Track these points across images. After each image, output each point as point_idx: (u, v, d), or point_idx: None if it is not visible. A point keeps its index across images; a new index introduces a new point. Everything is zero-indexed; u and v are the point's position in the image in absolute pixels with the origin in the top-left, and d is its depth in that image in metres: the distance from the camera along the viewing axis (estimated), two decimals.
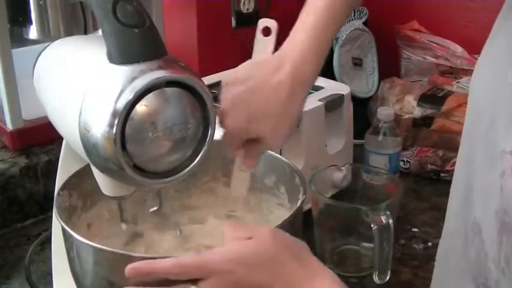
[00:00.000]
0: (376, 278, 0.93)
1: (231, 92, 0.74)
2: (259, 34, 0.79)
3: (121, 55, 0.61)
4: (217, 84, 1.17)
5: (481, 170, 0.64)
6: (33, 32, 1.11)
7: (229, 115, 0.74)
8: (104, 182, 0.71)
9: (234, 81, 0.75)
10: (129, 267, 0.61)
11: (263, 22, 0.79)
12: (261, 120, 0.73)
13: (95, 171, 0.70)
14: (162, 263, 0.61)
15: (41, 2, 1.09)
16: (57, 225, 0.83)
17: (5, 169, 1.12)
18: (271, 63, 0.74)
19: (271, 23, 0.78)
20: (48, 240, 0.90)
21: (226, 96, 0.75)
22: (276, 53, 0.76)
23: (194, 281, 0.60)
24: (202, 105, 0.65)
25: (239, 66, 0.77)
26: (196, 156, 0.66)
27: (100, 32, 0.80)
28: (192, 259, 0.61)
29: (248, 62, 0.78)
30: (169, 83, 0.62)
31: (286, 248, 0.61)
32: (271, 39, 0.78)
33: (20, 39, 1.13)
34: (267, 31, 0.79)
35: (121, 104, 0.59)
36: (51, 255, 0.89)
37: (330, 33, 0.76)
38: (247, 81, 0.74)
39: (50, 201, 0.91)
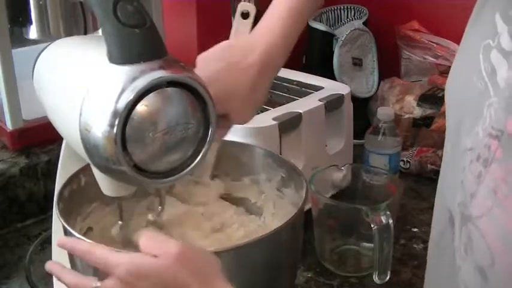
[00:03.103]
0: (376, 278, 0.93)
1: (204, 71, 0.76)
2: (238, 17, 0.84)
3: (122, 55, 0.61)
4: None
5: (450, 167, 0.67)
6: (33, 32, 1.11)
7: None
8: (104, 182, 0.71)
9: (208, 60, 0.79)
10: (59, 240, 0.69)
11: (242, 6, 0.84)
12: (230, 99, 0.78)
13: (95, 171, 0.70)
14: (81, 245, 0.67)
15: (41, 2, 1.09)
16: (57, 225, 0.83)
17: (5, 169, 1.12)
18: (243, 46, 0.80)
19: (250, 8, 0.84)
20: (48, 240, 0.90)
21: (200, 75, 0.78)
22: (249, 36, 0.82)
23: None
24: (202, 106, 0.65)
25: (215, 46, 0.81)
26: (197, 156, 0.66)
27: (100, 32, 0.80)
28: (102, 252, 0.64)
29: (224, 43, 0.82)
30: (170, 83, 0.62)
31: (191, 271, 0.61)
32: (249, 22, 0.84)
33: (20, 39, 1.13)
34: (245, 15, 0.84)
35: (122, 104, 0.59)
36: (51, 255, 0.89)
37: (303, 19, 0.82)
38: (220, 62, 0.78)
39: (50, 201, 0.91)
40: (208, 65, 0.79)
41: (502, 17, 0.56)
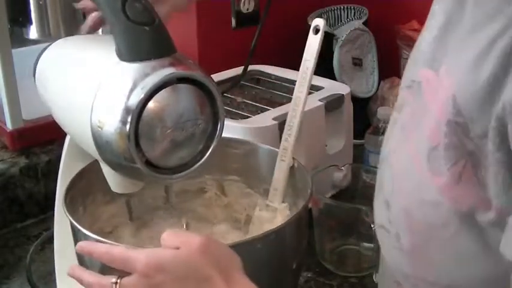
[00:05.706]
0: (376, 278, 0.93)
1: None
2: (311, 32, 0.85)
3: (132, 52, 0.61)
4: (218, 84, 1.18)
5: None
6: (33, 32, 1.12)
7: None
8: (113, 179, 0.72)
9: None
10: (78, 244, 0.67)
11: (315, 22, 0.85)
12: None
13: (105, 168, 0.70)
14: (99, 247, 0.65)
15: (41, 2, 1.09)
16: (59, 223, 0.83)
17: (5, 169, 1.12)
18: None
19: (320, 22, 0.85)
20: (48, 240, 0.91)
21: None
22: None
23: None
24: (211, 101, 0.65)
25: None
26: (206, 152, 0.67)
27: (100, 31, 0.80)
28: (120, 251, 0.63)
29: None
30: (180, 80, 0.62)
31: (214, 263, 0.60)
32: (319, 36, 0.85)
33: (20, 39, 1.14)
34: (317, 30, 0.85)
35: (134, 100, 0.59)
36: (51, 255, 0.89)
37: None
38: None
39: (50, 201, 0.91)
40: None
41: None
